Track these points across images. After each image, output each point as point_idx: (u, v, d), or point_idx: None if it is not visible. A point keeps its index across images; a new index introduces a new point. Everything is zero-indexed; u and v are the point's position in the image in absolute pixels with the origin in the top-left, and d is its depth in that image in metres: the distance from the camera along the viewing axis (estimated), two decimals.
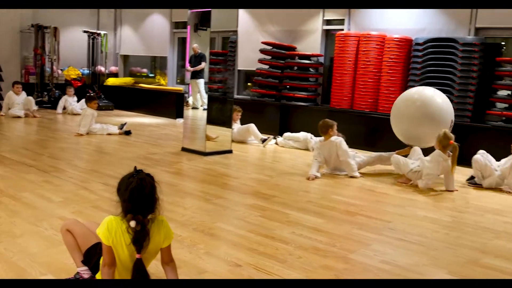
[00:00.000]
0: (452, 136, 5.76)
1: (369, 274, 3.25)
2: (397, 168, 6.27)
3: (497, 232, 4.38)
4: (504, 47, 8.50)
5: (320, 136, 6.63)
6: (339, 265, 3.36)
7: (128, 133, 8.72)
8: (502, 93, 7.70)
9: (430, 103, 6.40)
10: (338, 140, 6.32)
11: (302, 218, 4.42)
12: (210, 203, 4.72)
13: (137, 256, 2.57)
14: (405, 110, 6.53)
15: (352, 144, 6.99)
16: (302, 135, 8.38)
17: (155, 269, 2.84)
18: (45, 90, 12.36)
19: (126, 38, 14.14)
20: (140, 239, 2.55)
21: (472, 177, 6.25)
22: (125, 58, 14.56)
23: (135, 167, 2.66)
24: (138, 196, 2.53)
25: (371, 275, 3.23)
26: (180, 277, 2.75)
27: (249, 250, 3.53)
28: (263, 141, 8.38)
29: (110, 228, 2.56)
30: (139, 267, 2.58)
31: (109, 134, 8.61)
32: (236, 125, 8.57)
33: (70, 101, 11.55)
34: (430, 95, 6.51)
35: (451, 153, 5.80)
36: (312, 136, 8.26)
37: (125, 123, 8.90)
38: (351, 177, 6.28)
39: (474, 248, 3.91)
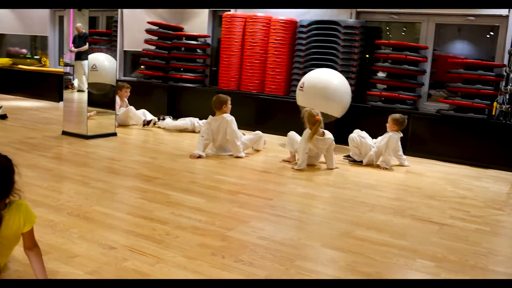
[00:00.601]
0: (317, 112, 5.98)
1: (245, 250, 3.29)
2: (290, 144, 6.39)
3: (371, 205, 4.59)
4: (388, 31, 8.87)
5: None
6: (216, 243, 3.39)
7: (3, 117, 8.27)
8: (381, 74, 8.06)
9: (329, 85, 6.96)
10: (230, 118, 6.38)
11: (184, 198, 4.41)
12: (88, 187, 4.59)
13: None
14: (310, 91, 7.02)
15: (240, 125, 7.04)
16: (188, 123, 8.26)
17: (22, 256, 2.72)
18: None
19: (2, 16, 13.19)
20: None
21: (348, 155, 6.54)
22: (2, 37, 13.68)
23: None
24: None
25: (247, 250, 3.28)
26: (49, 263, 2.67)
27: (125, 232, 3.48)
28: (148, 123, 8.26)
29: None
30: None
31: None
32: (123, 108, 8.39)
33: None
34: (328, 78, 7.12)
35: (330, 134, 6.01)
36: (198, 120, 8.22)
37: (1, 107, 8.46)
38: (237, 157, 6.34)
39: (348, 222, 4.07)
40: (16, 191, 2.54)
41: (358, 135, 6.41)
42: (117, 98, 8.34)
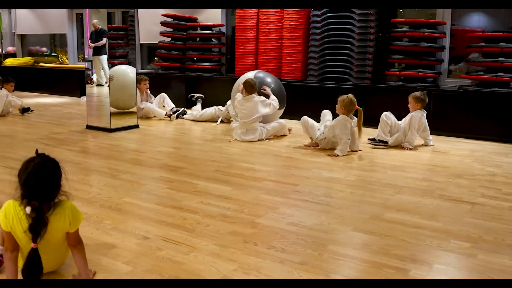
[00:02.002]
0: (356, 100, 5.93)
1: (276, 236, 3.30)
2: (305, 131, 6.35)
3: (399, 187, 4.55)
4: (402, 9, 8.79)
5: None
6: (247, 230, 3.40)
7: (27, 110, 8.58)
8: (399, 54, 7.96)
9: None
10: (261, 98, 6.65)
11: (210, 187, 4.43)
12: (116, 179, 4.64)
13: (32, 245, 2.45)
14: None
15: None
16: (213, 111, 8.25)
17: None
18: None
19: (22, 17, 13.45)
20: (36, 226, 2.43)
21: (373, 138, 6.44)
22: (23, 37, 13.90)
23: (37, 150, 2.54)
24: (35, 182, 2.40)
25: (278, 237, 3.29)
26: (87, 253, 2.69)
27: (157, 222, 3.51)
28: (175, 112, 8.27)
29: (8, 213, 2.45)
30: (32, 257, 2.46)
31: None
32: (144, 103, 8.39)
33: None
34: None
35: (354, 117, 5.96)
36: (220, 107, 8.18)
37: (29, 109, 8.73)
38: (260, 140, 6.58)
39: (377, 204, 4.04)
40: (62, 193, 2.55)
41: (392, 115, 6.32)
42: (138, 92, 8.37)
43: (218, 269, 2.80)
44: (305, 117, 6.36)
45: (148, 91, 8.58)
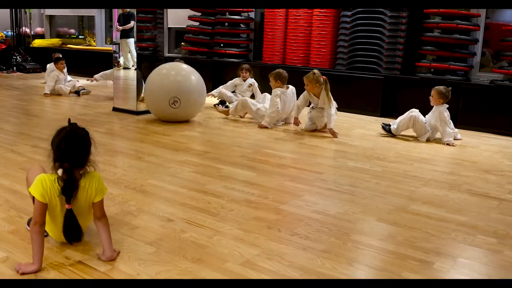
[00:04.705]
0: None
1: (300, 223, 3.28)
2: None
3: (425, 180, 4.49)
4: None
5: None
6: (271, 216, 3.39)
7: (78, 93, 8.87)
8: (431, 45, 7.83)
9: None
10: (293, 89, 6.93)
11: (235, 172, 4.42)
12: (142, 161, 4.66)
13: (67, 206, 2.57)
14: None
15: None
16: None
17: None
18: None
19: None
20: (68, 188, 2.55)
21: (388, 125, 6.37)
22: (51, 18, 14.01)
23: (69, 119, 2.70)
24: (67, 145, 2.53)
25: (302, 224, 3.27)
26: (112, 233, 2.71)
27: (181, 205, 3.52)
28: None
29: (45, 185, 2.54)
30: (69, 218, 2.60)
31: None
32: None
33: None
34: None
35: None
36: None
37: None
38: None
39: (402, 196, 4.00)
40: (91, 162, 2.66)
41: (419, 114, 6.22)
42: None
43: (241, 253, 2.79)
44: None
45: None
